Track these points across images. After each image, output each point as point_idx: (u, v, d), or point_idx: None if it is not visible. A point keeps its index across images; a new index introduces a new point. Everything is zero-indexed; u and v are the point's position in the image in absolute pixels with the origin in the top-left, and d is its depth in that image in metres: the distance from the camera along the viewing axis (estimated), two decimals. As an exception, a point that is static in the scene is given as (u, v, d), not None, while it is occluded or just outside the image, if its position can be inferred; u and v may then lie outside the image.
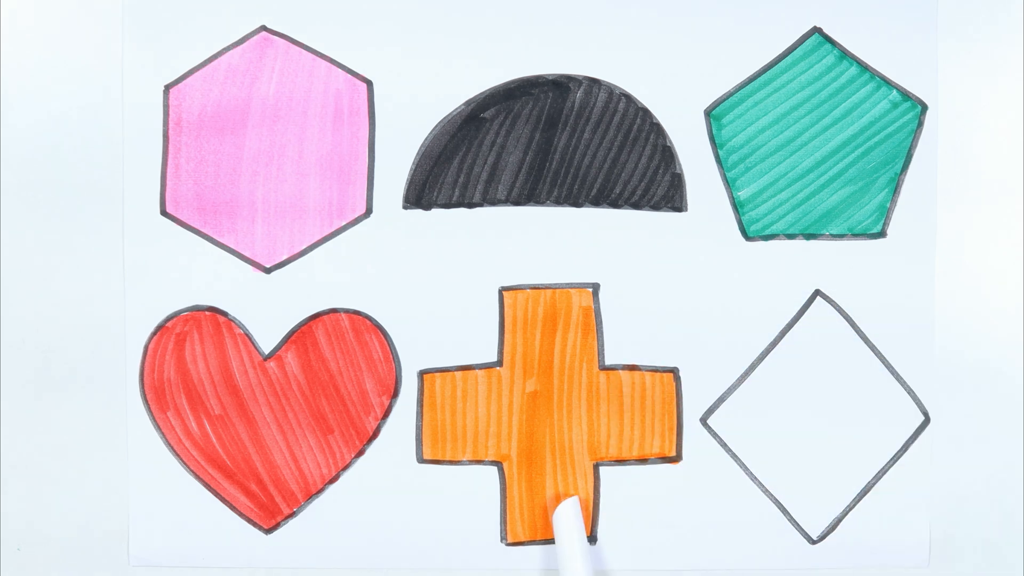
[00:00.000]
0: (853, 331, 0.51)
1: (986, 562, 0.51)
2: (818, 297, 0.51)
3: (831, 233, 0.51)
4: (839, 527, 0.51)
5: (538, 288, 0.51)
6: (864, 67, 0.50)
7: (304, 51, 0.51)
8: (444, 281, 0.51)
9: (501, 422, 0.51)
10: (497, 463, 0.51)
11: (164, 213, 0.51)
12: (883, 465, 0.51)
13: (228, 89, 0.51)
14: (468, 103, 0.50)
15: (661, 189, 0.51)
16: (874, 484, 0.51)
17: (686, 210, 0.51)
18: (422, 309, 0.51)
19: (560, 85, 0.50)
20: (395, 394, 0.51)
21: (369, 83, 0.51)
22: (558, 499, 0.51)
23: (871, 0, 0.50)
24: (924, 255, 0.50)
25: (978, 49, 0.50)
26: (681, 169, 0.51)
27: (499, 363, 0.51)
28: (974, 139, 0.50)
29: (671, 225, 0.51)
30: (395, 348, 0.51)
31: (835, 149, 0.51)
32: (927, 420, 0.51)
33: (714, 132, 0.51)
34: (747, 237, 0.51)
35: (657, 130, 0.51)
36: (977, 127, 0.50)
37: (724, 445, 0.51)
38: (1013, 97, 0.50)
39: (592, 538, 0.51)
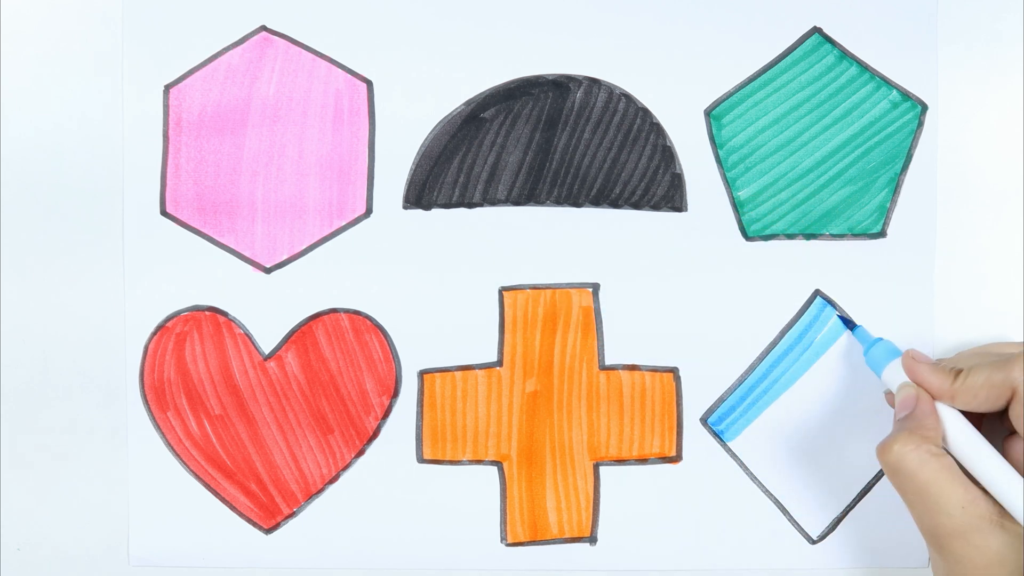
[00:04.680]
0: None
1: (986, 562, 0.51)
2: (818, 297, 0.51)
3: (831, 233, 0.51)
4: (839, 527, 0.51)
5: (538, 288, 0.51)
6: (864, 67, 0.50)
7: (304, 51, 0.51)
8: (444, 281, 0.51)
9: (501, 422, 0.51)
10: (497, 463, 0.51)
11: (164, 213, 0.51)
12: (883, 465, 0.51)
13: (228, 89, 0.51)
14: (468, 103, 0.50)
15: (661, 189, 0.51)
16: (874, 484, 0.51)
17: (686, 210, 0.51)
18: (422, 309, 0.51)
19: (560, 85, 0.50)
20: (395, 394, 0.51)
21: (369, 83, 0.51)
22: (558, 500, 0.51)
23: (871, 0, 0.50)
24: (924, 255, 0.50)
25: (978, 49, 0.50)
26: (681, 169, 0.51)
27: (499, 363, 0.51)
28: (974, 139, 0.50)
29: (671, 225, 0.51)
30: (395, 348, 0.51)
31: (835, 149, 0.51)
32: (927, 420, 0.51)
33: (714, 132, 0.51)
34: (747, 237, 0.51)
35: (657, 130, 0.51)
36: (977, 127, 0.50)
37: (724, 445, 0.51)
38: (1013, 97, 0.50)
39: (592, 538, 0.51)
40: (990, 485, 0.41)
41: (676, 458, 0.51)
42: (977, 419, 0.44)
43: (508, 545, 0.51)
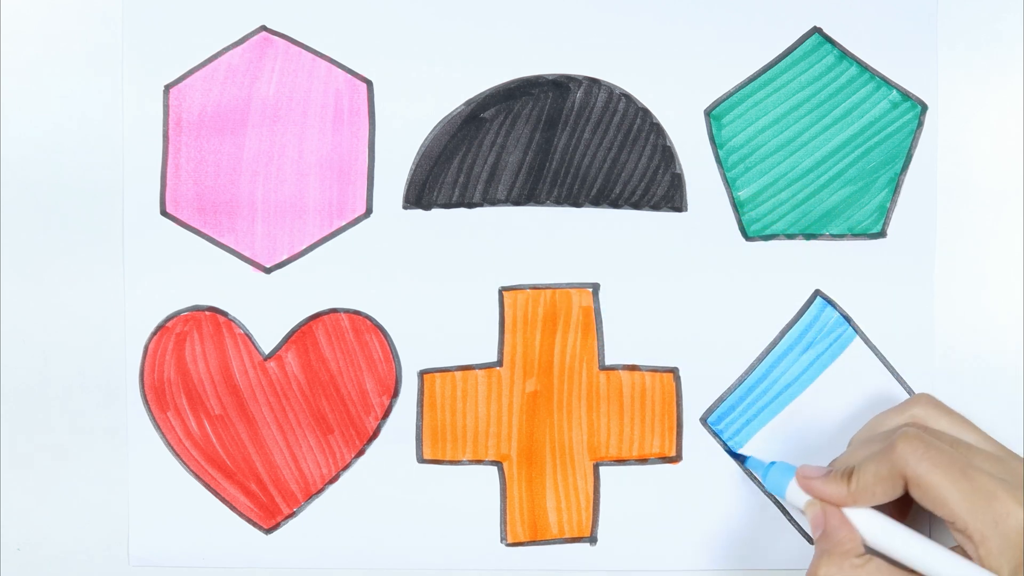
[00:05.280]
0: (853, 331, 0.51)
1: (986, 562, 0.51)
2: (818, 297, 0.51)
3: (831, 233, 0.51)
4: (839, 527, 0.51)
5: (538, 288, 0.51)
6: (864, 67, 0.50)
7: (304, 51, 0.51)
8: (444, 281, 0.51)
9: (501, 422, 0.51)
10: (497, 463, 0.51)
11: (164, 213, 0.51)
12: (883, 465, 0.51)
13: (228, 89, 0.51)
14: (468, 103, 0.50)
15: (661, 189, 0.51)
16: (874, 484, 0.51)
17: (686, 210, 0.51)
18: (422, 309, 0.51)
19: (560, 85, 0.50)
20: (395, 394, 0.51)
21: (369, 83, 0.51)
22: (558, 500, 0.51)
23: (871, 0, 0.50)
24: (924, 255, 0.50)
25: (978, 49, 0.50)
26: (681, 169, 0.51)
27: (499, 363, 0.51)
28: (974, 139, 0.50)
29: (671, 225, 0.51)
30: (395, 348, 0.51)
31: (835, 149, 0.51)
32: (927, 420, 0.51)
33: (714, 132, 0.51)
34: (747, 237, 0.51)
35: (657, 130, 0.51)
36: (977, 127, 0.50)
37: (724, 445, 0.51)
38: (1013, 97, 0.50)
39: (592, 538, 0.51)
40: (922, 570, 0.40)
41: (676, 458, 0.51)
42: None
43: (508, 545, 0.51)
